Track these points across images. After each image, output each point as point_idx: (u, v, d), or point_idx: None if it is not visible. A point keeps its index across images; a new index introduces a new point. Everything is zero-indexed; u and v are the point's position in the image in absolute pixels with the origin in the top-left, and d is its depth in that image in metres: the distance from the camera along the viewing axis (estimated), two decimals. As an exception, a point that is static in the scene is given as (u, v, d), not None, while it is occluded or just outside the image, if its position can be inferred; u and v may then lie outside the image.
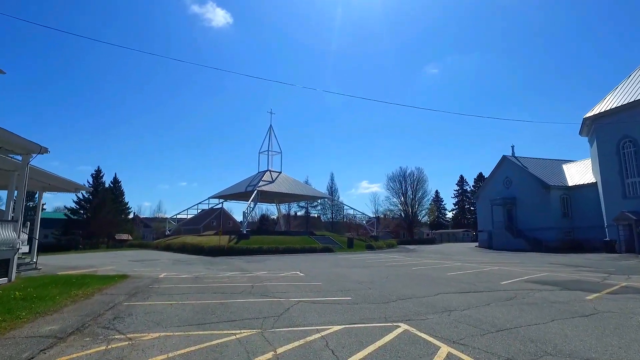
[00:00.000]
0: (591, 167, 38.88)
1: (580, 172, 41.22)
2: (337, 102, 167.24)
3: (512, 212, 44.24)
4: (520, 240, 40.65)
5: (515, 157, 46.22)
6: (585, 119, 35.15)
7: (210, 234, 45.95)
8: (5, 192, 16.85)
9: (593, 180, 37.27)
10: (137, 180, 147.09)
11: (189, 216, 54.07)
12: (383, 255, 30.03)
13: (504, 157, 46.58)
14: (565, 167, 44.88)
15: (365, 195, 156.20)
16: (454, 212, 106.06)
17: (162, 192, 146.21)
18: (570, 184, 40.22)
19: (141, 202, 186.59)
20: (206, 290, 9.89)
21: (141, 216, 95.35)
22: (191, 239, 40.67)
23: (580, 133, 38.71)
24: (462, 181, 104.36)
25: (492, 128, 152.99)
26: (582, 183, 38.76)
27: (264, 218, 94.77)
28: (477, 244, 57.14)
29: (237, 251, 31.71)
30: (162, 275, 13.57)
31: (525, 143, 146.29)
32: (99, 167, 58.99)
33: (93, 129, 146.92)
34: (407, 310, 7.57)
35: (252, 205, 43.35)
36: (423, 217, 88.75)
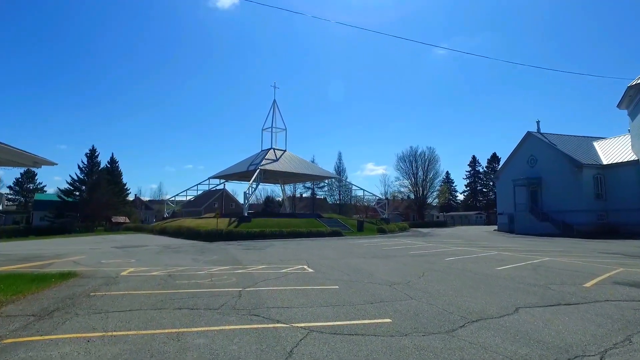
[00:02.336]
0: (630, 144, 34.88)
1: (615, 150, 37.23)
2: (342, 81, 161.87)
3: (537, 193, 40.55)
4: (546, 224, 37.12)
5: (541, 133, 42.22)
6: (629, 88, 31.07)
7: (210, 217, 42.94)
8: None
9: (633, 157, 33.39)
10: (143, 162, 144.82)
11: (189, 198, 51.08)
12: (399, 241, 26.75)
13: (529, 134, 42.58)
14: (596, 144, 40.84)
15: (371, 177, 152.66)
16: (465, 194, 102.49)
17: (169, 174, 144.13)
18: (604, 162, 36.34)
19: (148, 184, 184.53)
20: (168, 303, 6.62)
21: (144, 198, 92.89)
22: (189, 222, 37.68)
23: (619, 105, 34.63)
24: (474, 162, 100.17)
25: (506, 107, 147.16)
26: (619, 161, 34.86)
27: (268, 200, 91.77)
28: (494, 227, 53.73)
29: (237, 236, 28.63)
30: (126, 272, 10.35)
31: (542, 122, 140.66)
32: (93, 146, 55.71)
33: (95, 111, 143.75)
34: (502, 355, 4.23)
35: (254, 186, 40.06)
36: (434, 199, 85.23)
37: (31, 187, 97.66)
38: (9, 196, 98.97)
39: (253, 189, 40.22)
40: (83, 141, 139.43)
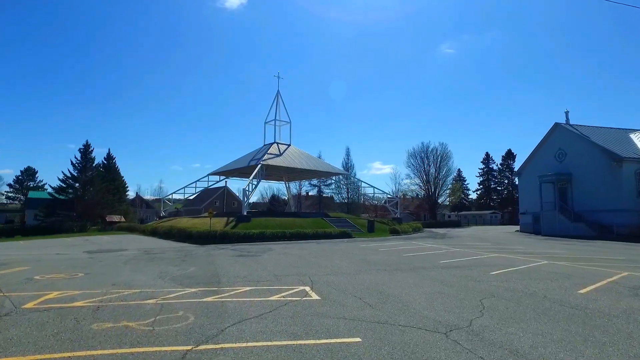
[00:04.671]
0: (677, 134, 30.98)
1: (658, 141, 33.30)
2: (345, 80, 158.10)
3: (567, 190, 36.64)
4: (579, 224, 33.26)
5: (570, 124, 38.29)
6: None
7: (207, 216, 39.64)
8: None
9: (682, 150, 29.49)
10: (150, 161, 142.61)
11: (187, 196, 47.83)
12: (418, 244, 23.14)
13: (557, 125, 38.66)
14: (634, 136, 36.83)
15: (378, 176, 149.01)
16: (478, 193, 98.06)
17: (176, 173, 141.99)
18: (647, 155, 32.42)
19: (155, 183, 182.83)
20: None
21: (149, 197, 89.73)
22: (184, 222, 34.49)
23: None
24: (487, 159, 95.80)
25: (519, 103, 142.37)
26: (665, 154, 30.95)
27: (273, 199, 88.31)
28: (514, 227, 49.90)
29: (233, 237, 25.23)
30: (34, 303, 6.90)
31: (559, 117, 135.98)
32: (87, 141, 52.32)
33: (103, 109, 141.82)
34: None
35: (254, 182, 36.63)
36: (446, 198, 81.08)
37: (31, 185, 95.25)
38: (9, 194, 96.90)
39: (254, 186, 36.85)
40: (92, 140, 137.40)
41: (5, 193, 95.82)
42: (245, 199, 34.23)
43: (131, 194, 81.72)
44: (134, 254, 17.33)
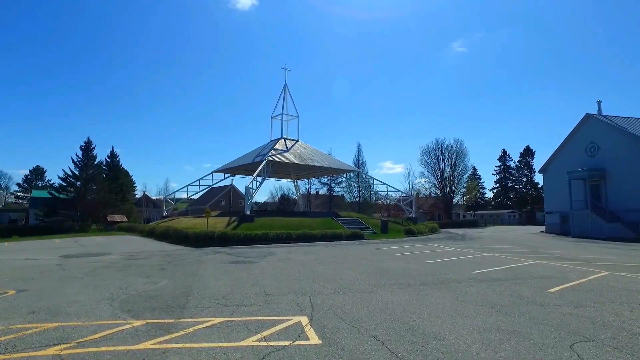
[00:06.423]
0: None
1: None
2: (359, 77, 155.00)
3: (600, 187, 33.37)
4: (616, 225, 30.06)
5: (603, 115, 34.96)
6: None
7: (212, 215, 37.33)
8: None
9: None
10: (160, 161, 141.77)
11: (190, 194, 45.67)
12: (438, 247, 20.33)
13: (588, 116, 35.33)
14: (675, 127, 33.37)
15: (389, 175, 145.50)
16: (494, 191, 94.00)
17: (187, 173, 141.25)
18: (694, 147, 29.03)
19: (162, 183, 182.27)
20: None
21: (153, 197, 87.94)
22: (184, 222, 32.27)
23: None
24: (504, 156, 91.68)
25: (535, 98, 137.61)
26: None
27: (283, 198, 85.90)
28: (539, 228, 46.58)
29: (232, 239, 22.79)
30: None
31: (574, 114, 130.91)
32: (88, 138, 50.09)
33: (113, 108, 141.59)
34: None
35: (259, 179, 34.18)
36: (462, 196, 77.49)
37: (40, 185, 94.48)
38: (18, 194, 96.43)
39: (258, 183, 34.40)
40: (102, 139, 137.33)
41: (14, 193, 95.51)
42: (249, 197, 31.82)
43: (140, 194, 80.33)
44: (113, 259, 15.01)
